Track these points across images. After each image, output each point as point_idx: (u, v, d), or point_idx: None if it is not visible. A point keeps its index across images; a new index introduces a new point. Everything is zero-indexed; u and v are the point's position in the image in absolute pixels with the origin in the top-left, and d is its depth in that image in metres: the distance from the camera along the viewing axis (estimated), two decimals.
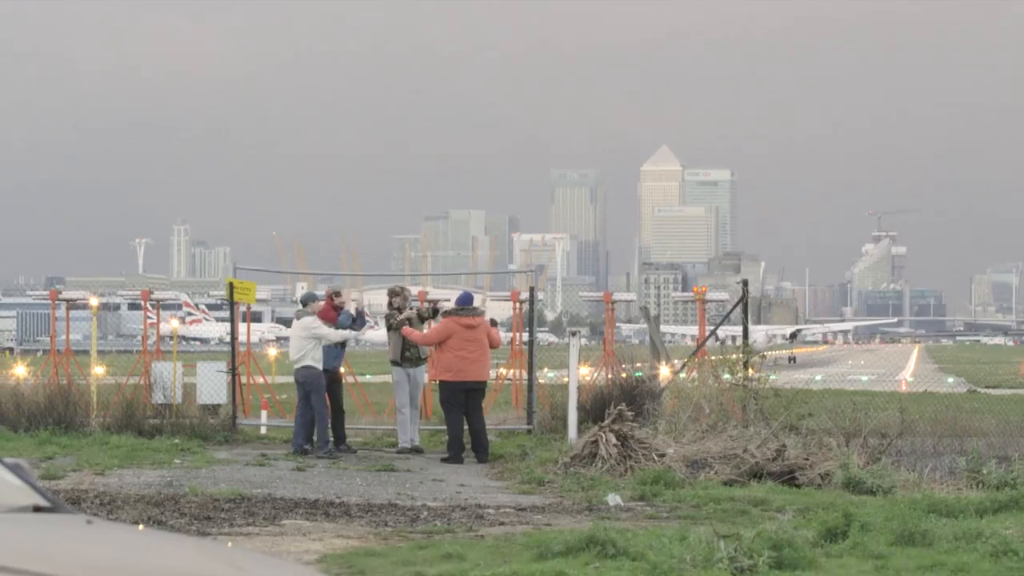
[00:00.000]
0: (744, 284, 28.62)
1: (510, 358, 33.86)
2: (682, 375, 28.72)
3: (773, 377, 25.98)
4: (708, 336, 30.92)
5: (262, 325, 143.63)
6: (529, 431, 28.21)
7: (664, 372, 29.35)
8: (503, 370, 34.09)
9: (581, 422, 24.85)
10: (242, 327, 31.19)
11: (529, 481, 21.00)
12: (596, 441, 22.13)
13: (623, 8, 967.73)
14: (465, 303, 25.39)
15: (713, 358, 28.61)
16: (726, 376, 26.08)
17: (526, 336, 30.67)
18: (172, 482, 20.27)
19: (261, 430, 29.07)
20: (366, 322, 28.14)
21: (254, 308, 35.13)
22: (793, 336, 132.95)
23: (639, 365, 31.08)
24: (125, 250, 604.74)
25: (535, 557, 13.40)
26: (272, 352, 53.49)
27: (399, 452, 25.58)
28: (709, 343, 31.16)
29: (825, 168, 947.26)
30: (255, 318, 50.56)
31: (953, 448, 23.23)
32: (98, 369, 32.90)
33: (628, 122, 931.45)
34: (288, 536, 15.30)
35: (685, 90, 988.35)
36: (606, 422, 22.42)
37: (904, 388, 47.38)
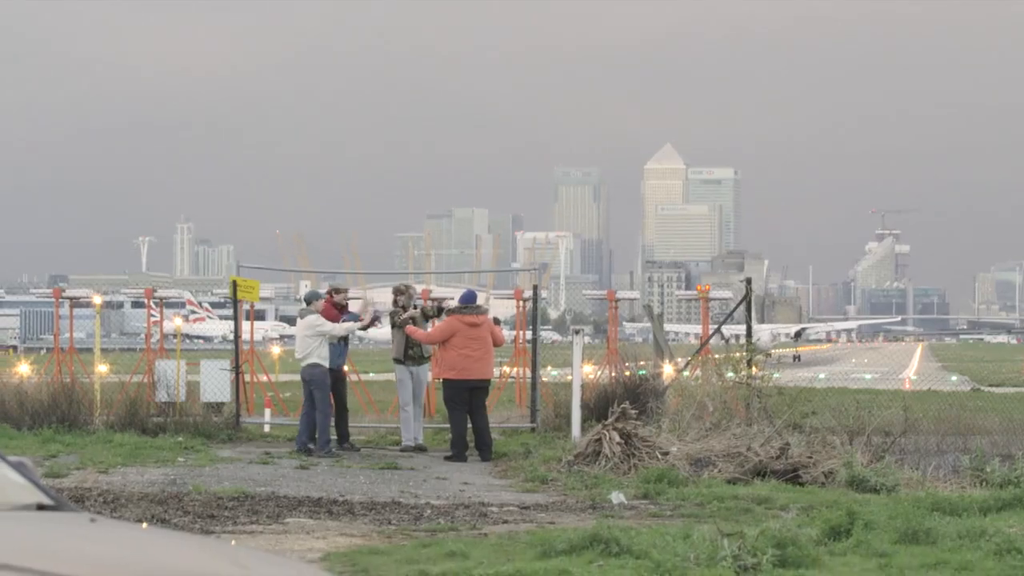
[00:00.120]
0: (748, 282, 28.51)
1: (514, 356, 33.82)
2: (685, 373, 28.69)
3: (776, 375, 25.97)
4: (712, 334, 30.87)
5: (266, 323, 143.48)
6: (533, 429, 28.18)
7: (668, 370, 29.32)
8: (507, 368, 34.07)
9: (585, 420, 24.82)
10: (245, 325, 31.17)
11: (533, 479, 21.00)
12: (600, 439, 22.12)
13: (623, 8, 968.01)
14: (469, 301, 25.37)
15: (716, 356, 28.59)
16: (729, 374, 26.07)
17: (530, 334, 30.61)
18: (176, 480, 20.28)
19: (265, 428, 29.07)
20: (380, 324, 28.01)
21: (258, 306, 35.10)
22: (798, 335, 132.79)
23: (643, 363, 31.08)
24: (128, 249, 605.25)
25: (539, 555, 13.39)
26: (276, 350, 53.54)
27: (402, 450, 25.57)
28: (715, 342, 31.12)
29: (827, 167, 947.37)
30: (259, 316, 50.54)
31: (957, 446, 23.21)
32: (101, 367, 32.93)
33: (630, 121, 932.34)
34: (292, 534, 15.30)
35: (686, 89, 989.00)
36: (610, 420, 22.42)
37: (908, 386, 47.30)
